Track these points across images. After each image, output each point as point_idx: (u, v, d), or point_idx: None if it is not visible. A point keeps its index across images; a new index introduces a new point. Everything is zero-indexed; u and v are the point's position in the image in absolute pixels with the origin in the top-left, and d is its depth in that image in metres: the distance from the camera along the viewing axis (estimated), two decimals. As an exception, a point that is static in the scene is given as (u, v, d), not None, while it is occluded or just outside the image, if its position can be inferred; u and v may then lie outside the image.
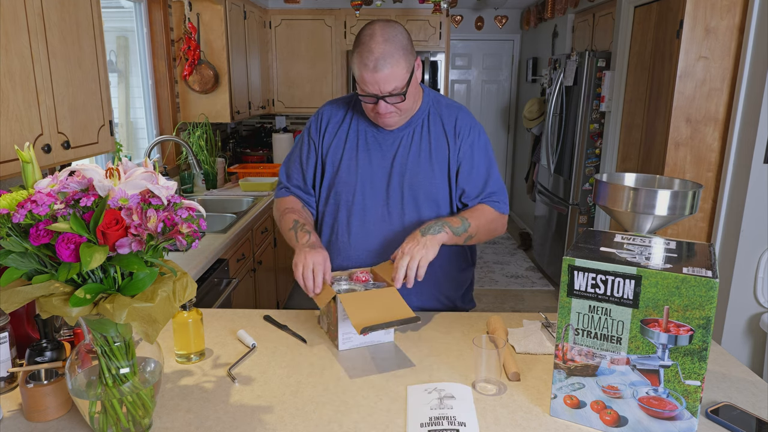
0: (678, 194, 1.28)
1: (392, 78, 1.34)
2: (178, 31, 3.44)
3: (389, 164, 1.50)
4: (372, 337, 1.33)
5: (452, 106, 1.55)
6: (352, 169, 1.52)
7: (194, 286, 0.94)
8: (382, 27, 1.36)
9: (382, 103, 1.38)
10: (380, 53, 1.32)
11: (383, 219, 1.51)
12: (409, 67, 1.38)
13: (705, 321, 0.89)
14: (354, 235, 1.52)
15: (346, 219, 1.53)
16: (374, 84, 1.35)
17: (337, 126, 1.55)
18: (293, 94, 4.64)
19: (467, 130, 1.51)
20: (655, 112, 3.11)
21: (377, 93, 1.36)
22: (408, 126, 1.51)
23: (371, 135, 1.52)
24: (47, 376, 1.04)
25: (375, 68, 1.33)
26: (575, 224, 4.04)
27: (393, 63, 1.33)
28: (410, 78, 1.38)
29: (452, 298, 1.61)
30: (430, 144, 1.50)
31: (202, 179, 3.61)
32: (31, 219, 0.80)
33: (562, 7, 4.51)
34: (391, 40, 1.33)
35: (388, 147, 1.51)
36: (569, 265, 0.97)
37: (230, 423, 1.03)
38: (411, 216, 1.50)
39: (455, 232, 1.40)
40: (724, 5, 2.53)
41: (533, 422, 1.04)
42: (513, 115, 6.41)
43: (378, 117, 1.44)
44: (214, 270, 2.31)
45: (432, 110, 1.53)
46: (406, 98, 1.39)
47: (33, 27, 1.52)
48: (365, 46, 1.34)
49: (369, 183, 1.51)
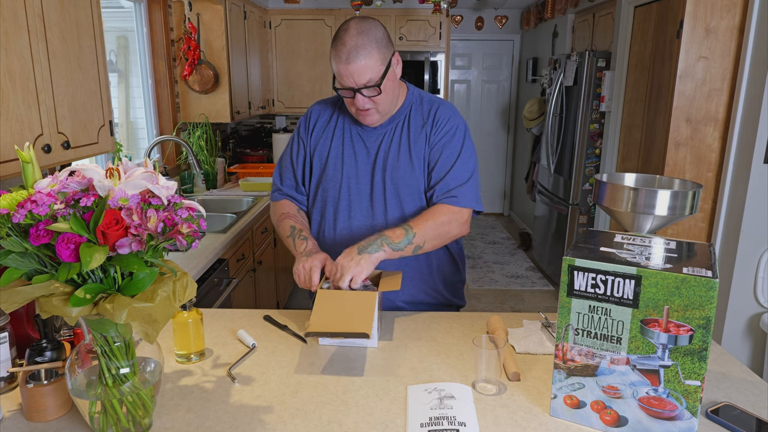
0: (678, 194, 1.28)
1: (366, 69, 1.36)
2: (178, 31, 3.44)
3: (372, 161, 1.53)
4: (352, 341, 1.32)
5: (434, 100, 1.56)
6: (338, 167, 1.55)
7: (194, 286, 0.94)
8: (357, 21, 1.39)
9: (359, 96, 1.40)
10: (353, 45, 1.35)
11: (367, 215, 1.53)
12: (384, 60, 1.39)
13: (705, 321, 0.89)
14: (339, 231, 1.55)
15: (333, 216, 1.56)
16: (348, 76, 1.37)
17: (324, 125, 1.59)
18: (293, 94, 4.64)
19: (445, 121, 1.51)
20: (655, 112, 3.11)
21: (352, 85, 1.39)
22: (391, 122, 1.53)
23: (356, 133, 1.55)
24: (47, 376, 1.04)
25: (348, 59, 1.35)
26: (575, 224, 4.04)
27: (366, 54, 1.35)
28: (386, 71, 1.39)
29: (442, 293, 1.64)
30: (409, 138, 1.52)
31: (202, 179, 3.62)
32: (31, 219, 0.80)
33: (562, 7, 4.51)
34: (365, 33, 1.36)
35: (371, 144, 1.53)
36: (569, 265, 0.97)
37: (230, 423, 1.03)
38: (394, 211, 1.52)
39: (396, 248, 1.36)
40: (724, 5, 2.53)
41: (533, 422, 1.04)
42: (513, 115, 6.41)
43: (358, 113, 1.46)
44: (214, 270, 2.31)
45: (414, 106, 1.55)
46: (383, 92, 1.41)
47: (33, 27, 1.52)
48: (340, 39, 1.37)
49: (354, 180, 1.54)
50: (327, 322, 1.21)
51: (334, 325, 1.20)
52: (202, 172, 3.49)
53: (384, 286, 1.34)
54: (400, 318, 1.49)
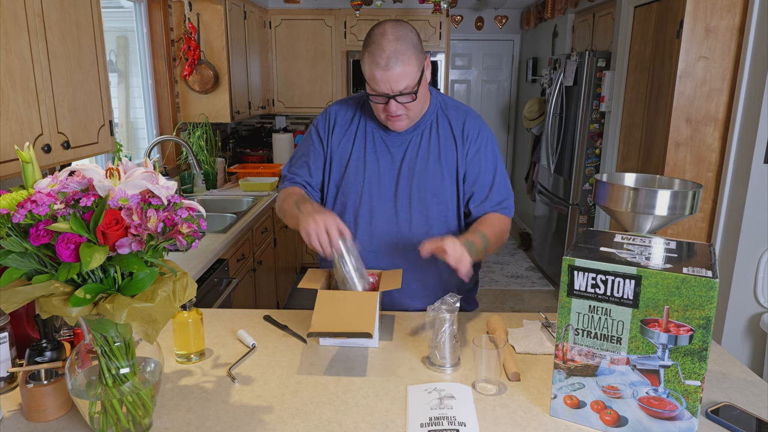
0: (678, 194, 1.28)
1: (404, 76, 1.33)
2: (178, 31, 3.44)
3: (398, 166, 1.50)
4: (353, 341, 1.32)
5: (460, 109, 1.54)
6: (359, 171, 1.51)
7: (194, 286, 0.93)
8: (393, 26, 1.36)
9: (393, 102, 1.37)
10: (392, 51, 1.32)
11: (390, 221, 1.50)
12: (420, 66, 1.38)
13: (705, 321, 0.89)
14: (360, 237, 1.51)
15: (353, 220, 1.53)
16: (386, 83, 1.34)
17: (345, 126, 1.55)
18: (293, 94, 4.64)
19: (475, 134, 1.50)
20: (655, 112, 3.11)
21: (388, 92, 1.36)
22: (416, 128, 1.50)
23: (379, 137, 1.52)
24: (47, 376, 1.04)
25: (387, 66, 1.32)
26: (575, 224, 4.04)
27: (404, 61, 1.32)
28: (421, 77, 1.38)
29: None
30: (439, 147, 1.50)
31: (202, 179, 3.61)
32: (31, 219, 0.80)
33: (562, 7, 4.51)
34: (403, 39, 1.33)
35: (396, 149, 1.51)
36: (569, 265, 0.97)
37: (230, 423, 1.03)
38: (419, 219, 1.49)
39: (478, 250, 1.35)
40: (724, 5, 2.53)
41: (533, 422, 1.04)
42: (513, 115, 6.41)
43: (388, 119, 1.43)
44: (214, 270, 2.31)
45: (440, 113, 1.52)
46: (417, 98, 1.39)
47: (33, 27, 1.52)
48: (377, 44, 1.33)
49: (377, 185, 1.50)
50: (329, 322, 1.20)
51: (336, 325, 1.20)
52: (202, 172, 3.49)
53: (385, 285, 1.33)
54: (400, 318, 1.49)
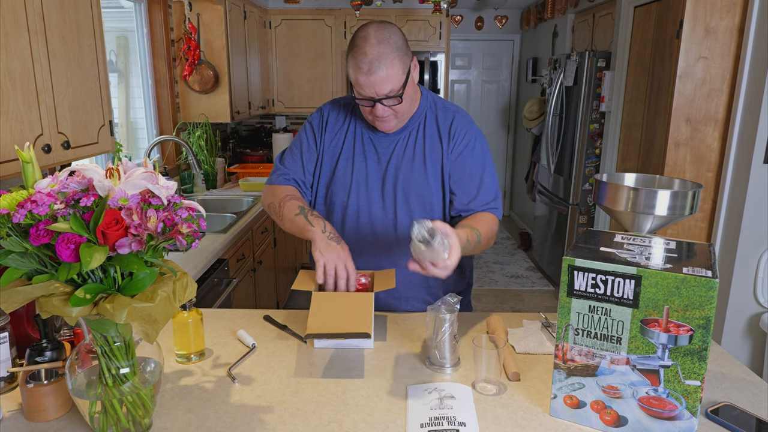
0: (678, 194, 1.28)
1: (388, 80, 1.32)
2: (178, 31, 3.44)
3: (384, 167, 1.50)
4: (348, 342, 1.31)
5: (449, 108, 1.53)
6: (347, 171, 1.51)
7: (194, 286, 0.94)
8: (376, 28, 1.34)
9: (379, 105, 1.37)
10: (374, 55, 1.30)
11: (376, 222, 1.50)
12: (405, 68, 1.36)
13: (705, 321, 0.89)
14: (346, 237, 1.51)
15: (340, 220, 1.53)
16: (369, 87, 1.33)
17: (337, 126, 1.55)
18: (293, 94, 4.64)
19: (462, 134, 1.49)
20: (655, 112, 3.11)
21: (373, 96, 1.35)
22: (405, 129, 1.50)
23: (368, 137, 1.52)
24: (47, 376, 1.04)
25: (369, 71, 1.31)
26: (575, 224, 4.04)
27: (388, 65, 1.31)
28: (407, 79, 1.37)
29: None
30: (424, 148, 1.49)
31: (202, 179, 3.61)
32: (31, 219, 0.80)
33: (562, 7, 4.51)
34: (385, 42, 1.32)
35: (384, 150, 1.50)
36: (569, 265, 0.97)
37: (230, 423, 1.03)
38: (403, 220, 1.49)
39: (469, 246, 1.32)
40: (724, 5, 2.53)
41: (533, 422, 1.04)
42: (513, 115, 6.41)
43: (375, 120, 1.43)
44: (214, 270, 2.31)
45: (429, 113, 1.51)
46: (404, 100, 1.38)
47: (33, 27, 1.52)
48: (359, 48, 1.32)
49: (364, 185, 1.51)
50: (325, 323, 1.20)
51: (332, 327, 1.19)
52: (202, 172, 3.49)
53: (379, 285, 1.33)
54: (401, 318, 1.49)
